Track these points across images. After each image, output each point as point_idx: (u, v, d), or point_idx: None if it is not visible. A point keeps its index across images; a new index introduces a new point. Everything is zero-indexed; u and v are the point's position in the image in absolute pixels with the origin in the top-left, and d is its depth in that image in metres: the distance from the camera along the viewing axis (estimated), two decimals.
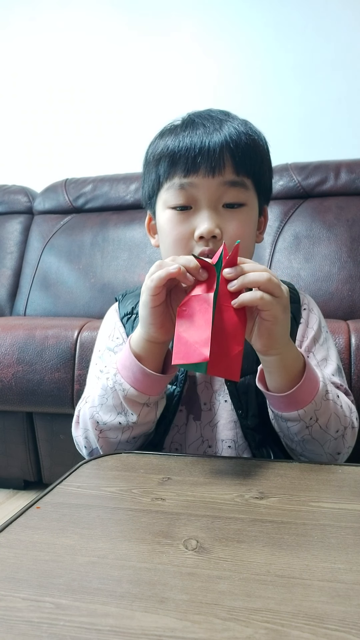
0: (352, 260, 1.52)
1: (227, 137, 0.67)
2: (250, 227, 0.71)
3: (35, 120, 2.14)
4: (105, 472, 0.56)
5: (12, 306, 1.85)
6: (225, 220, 0.67)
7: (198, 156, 0.66)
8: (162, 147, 0.70)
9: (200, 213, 0.67)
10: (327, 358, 0.72)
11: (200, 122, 0.69)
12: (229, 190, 0.67)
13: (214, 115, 0.70)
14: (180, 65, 1.97)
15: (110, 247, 1.76)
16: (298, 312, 0.75)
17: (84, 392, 0.74)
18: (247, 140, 0.68)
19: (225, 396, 0.71)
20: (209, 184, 0.66)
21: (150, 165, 0.72)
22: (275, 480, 0.53)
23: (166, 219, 0.70)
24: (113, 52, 2.04)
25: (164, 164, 0.69)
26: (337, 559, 0.37)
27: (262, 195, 0.73)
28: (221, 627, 0.30)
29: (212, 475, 0.54)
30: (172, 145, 0.68)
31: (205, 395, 0.72)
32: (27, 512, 0.46)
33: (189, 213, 0.68)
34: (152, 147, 0.73)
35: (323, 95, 1.87)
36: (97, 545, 0.40)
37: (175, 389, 0.70)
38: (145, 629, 0.30)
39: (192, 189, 0.67)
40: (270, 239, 1.62)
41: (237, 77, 1.91)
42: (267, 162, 0.74)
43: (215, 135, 0.67)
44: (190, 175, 0.67)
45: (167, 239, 0.70)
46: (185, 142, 0.67)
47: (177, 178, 0.68)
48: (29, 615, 0.31)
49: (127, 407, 0.64)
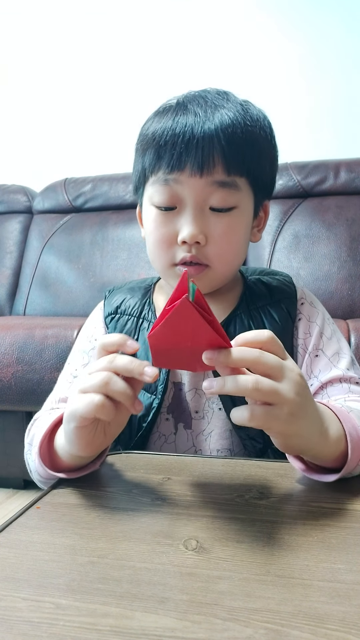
0: (351, 259, 1.53)
1: (219, 129, 0.59)
2: (240, 232, 0.64)
3: (35, 120, 2.14)
4: (105, 472, 0.56)
5: (12, 306, 1.85)
6: (211, 224, 0.61)
7: (184, 152, 0.59)
8: (150, 133, 0.63)
9: (184, 214, 0.61)
10: (338, 352, 0.66)
11: (192, 108, 0.61)
12: (217, 192, 0.60)
13: (209, 99, 0.62)
14: (180, 65, 1.96)
15: (110, 246, 1.76)
16: (293, 307, 0.69)
17: (51, 394, 0.70)
18: (243, 132, 0.60)
19: (219, 404, 0.65)
20: (195, 183, 0.60)
21: (138, 153, 0.66)
22: (275, 480, 0.53)
23: (151, 218, 0.65)
24: (113, 52, 2.04)
25: (149, 154, 0.63)
26: (337, 559, 0.37)
27: (261, 192, 0.66)
28: (221, 627, 0.30)
29: (212, 475, 0.54)
30: (158, 134, 0.61)
31: (195, 402, 0.66)
32: (27, 512, 0.46)
33: (173, 213, 0.62)
34: (143, 130, 0.66)
35: (323, 94, 1.87)
36: (97, 545, 0.40)
37: (154, 399, 0.66)
38: (145, 629, 0.30)
39: (177, 185, 0.61)
40: (269, 239, 1.63)
41: (237, 77, 1.90)
42: (268, 155, 0.66)
43: (207, 127, 0.59)
44: (174, 171, 0.60)
45: (150, 238, 0.66)
46: (173, 133, 0.59)
47: (162, 173, 0.61)
48: (29, 615, 0.31)
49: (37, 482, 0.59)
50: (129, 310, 0.72)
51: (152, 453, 0.62)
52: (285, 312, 0.68)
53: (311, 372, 0.66)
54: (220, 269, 0.64)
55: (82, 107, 2.09)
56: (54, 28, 2.10)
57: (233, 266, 0.67)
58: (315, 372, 0.66)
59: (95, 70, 2.07)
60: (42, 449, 0.55)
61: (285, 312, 0.68)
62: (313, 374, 0.66)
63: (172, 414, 0.67)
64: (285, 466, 0.56)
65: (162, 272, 0.68)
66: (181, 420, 0.67)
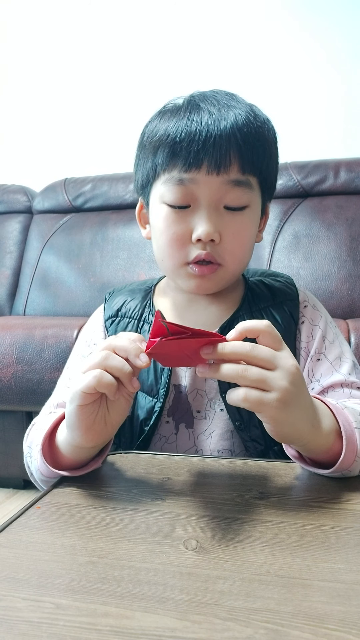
0: (351, 259, 1.53)
1: (235, 127, 0.59)
2: (251, 231, 0.65)
3: (35, 120, 2.14)
4: (105, 472, 0.56)
5: (12, 306, 1.85)
6: (225, 223, 0.62)
7: (202, 149, 0.59)
8: (162, 131, 0.62)
9: (199, 213, 0.61)
10: (340, 356, 0.66)
11: (205, 107, 0.61)
12: (232, 190, 0.61)
13: (220, 99, 0.62)
14: (180, 64, 1.96)
15: (110, 246, 1.76)
16: (296, 309, 0.69)
17: (50, 399, 0.69)
18: (256, 133, 0.61)
19: (220, 404, 0.66)
20: (211, 181, 0.60)
21: (147, 151, 0.65)
22: (275, 480, 0.53)
23: (162, 216, 0.63)
24: (113, 51, 2.04)
25: (162, 153, 0.62)
26: (337, 559, 0.37)
27: (267, 192, 0.68)
28: (221, 627, 0.30)
29: (212, 475, 0.54)
30: (173, 132, 0.60)
31: (197, 403, 0.66)
32: (27, 512, 0.46)
33: (187, 212, 0.62)
34: (150, 128, 0.65)
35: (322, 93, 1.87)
36: (97, 545, 0.40)
37: (155, 402, 0.66)
38: (145, 629, 0.30)
39: (193, 185, 0.61)
40: (269, 238, 1.62)
41: (236, 77, 1.90)
42: (274, 156, 0.67)
43: (223, 124, 0.59)
44: (191, 170, 0.60)
45: (161, 238, 0.64)
46: (189, 131, 0.59)
47: (177, 172, 0.61)
48: (29, 615, 0.31)
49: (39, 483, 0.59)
50: (129, 313, 0.71)
51: (153, 453, 0.62)
52: (288, 314, 0.68)
53: (312, 376, 0.66)
54: (232, 268, 0.65)
55: (82, 107, 2.09)
56: (54, 28, 2.10)
57: (243, 265, 0.67)
58: (316, 375, 0.65)
59: (96, 70, 2.07)
60: (44, 447, 0.55)
61: (287, 314, 0.68)
62: (314, 377, 0.65)
63: (172, 417, 0.67)
64: (285, 466, 0.56)
65: (172, 271, 0.66)
66: (182, 421, 0.67)
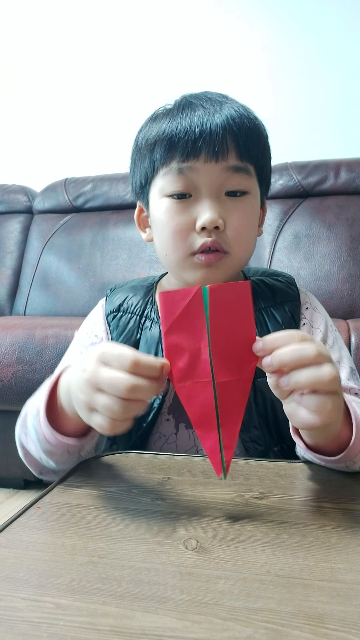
0: (352, 259, 1.53)
1: (229, 119, 0.61)
2: (254, 217, 0.66)
3: (35, 120, 2.14)
4: (105, 472, 0.56)
5: (12, 306, 1.85)
6: (228, 209, 0.62)
7: (199, 139, 0.60)
8: (157, 131, 0.63)
9: (201, 201, 0.62)
10: (339, 361, 0.66)
11: (199, 103, 0.63)
12: (232, 177, 0.62)
13: (212, 97, 0.65)
14: (180, 64, 1.96)
15: (110, 246, 1.76)
16: (297, 311, 0.69)
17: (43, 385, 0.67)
18: (250, 124, 0.63)
19: None
20: (210, 169, 0.61)
21: (143, 151, 0.65)
22: (275, 480, 0.53)
23: (163, 209, 0.63)
24: (113, 51, 2.04)
25: (159, 148, 0.63)
26: (337, 559, 0.37)
27: (263, 184, 0.68)
28: (221, 627, 0.30)
29: (212, 475, 0.54)
30: (168, 128, 0.62)
31: None
32: (27, 512, 0.46)
33: (189, 202, 0.62)
34: (144, 132, 0.66)
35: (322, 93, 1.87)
36: (97, 545, 0.40)
37: (154, 399, 0.66)
38: (145, 629, 0.30)
39: (192, 174, 0.61)
40: (270, 238, 1.62)
41: (236, 77, 1.90)
42: (268, 150, 0.68)
43: (217, 117, 0.61)
44: (190, 159, 0.61)
45: (164, 231, 0.64)
46: (184, 124, 0.61)
47: (175, 162, 0.61)
48: (29, 615, 0.31)
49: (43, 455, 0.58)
50: (131, 309, 0.71)
51: (152, 453, 0.62)
52: (289, 315, 0.68)
53: None
54: (238, 255, 0.64)
55: (82, 107, 2.09)
56: (54, 28, 2.10)
57: (248, 253, 0.67)
58: None
59: (96, 70, 2.07)
60: (47, 412, 0.55)
61: (288, 315, 0.68)
62: None
63: (172, 415, 0.67)
64: (285, 466, 0.56)
65: (177, 264, 0.65)
66: (183, 420, 0.67)
